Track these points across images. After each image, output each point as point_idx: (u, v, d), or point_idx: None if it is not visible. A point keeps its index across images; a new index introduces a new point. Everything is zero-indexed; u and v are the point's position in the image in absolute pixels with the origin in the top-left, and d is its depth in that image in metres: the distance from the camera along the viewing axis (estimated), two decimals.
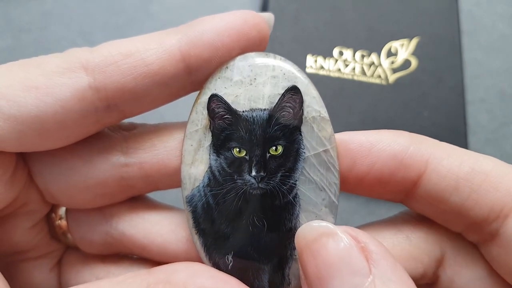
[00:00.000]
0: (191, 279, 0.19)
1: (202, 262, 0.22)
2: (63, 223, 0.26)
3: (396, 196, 0.23)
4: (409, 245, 0.22)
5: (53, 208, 0.26)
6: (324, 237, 0.18)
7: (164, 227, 0.24)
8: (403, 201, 0.23)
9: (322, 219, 0.21)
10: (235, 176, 0.21)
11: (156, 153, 0.23)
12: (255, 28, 0.21)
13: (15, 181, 0.22)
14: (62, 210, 0.26)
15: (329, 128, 0.22)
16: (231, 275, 0.21)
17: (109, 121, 0.22)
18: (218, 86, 0.22)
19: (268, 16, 0.22)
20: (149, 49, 0.21)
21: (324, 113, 0.22)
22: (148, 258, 0.25)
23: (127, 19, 0.51)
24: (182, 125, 0.23)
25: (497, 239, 0.21)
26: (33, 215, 0.25)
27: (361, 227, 0.24)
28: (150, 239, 0.24)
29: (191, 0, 0.52)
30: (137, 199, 0.25)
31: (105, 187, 0.23)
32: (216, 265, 0.22)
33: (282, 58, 0.22)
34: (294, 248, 0.21)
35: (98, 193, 0.23)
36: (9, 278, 0.21)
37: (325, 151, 0.21)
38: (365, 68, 0.48)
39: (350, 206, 0.45)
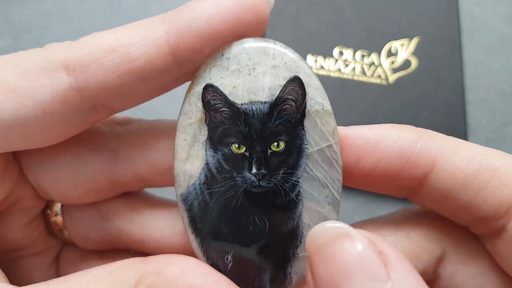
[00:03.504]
0: (182, 275, 0.19)
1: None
2: (59, 219, 0.26)
3: (402, 192, 0.22)
4: (410, 243, 0.22)
5: (49, 204, 0.26)
6: (339, 239, 0.17)
7: (160, 221, 0.24)
8: (409, 197, 0.22)
9: (325, 217, 0.21)
10: (234, 174, 0.20)
11: (147, 152, 0.23)
12: (252, 12, 0.19)
13: (7, 177, 0.22)
14: (57, 207, 0.26)
15: (332, 122, 0.21)
16: (231, 275, 0.21)
17: (98, 119, 0.22)
18: (213, 75, 0.20)
19: None
20: (134, 43, 0.19)
21: (328, 106, 0.20)
22: (146, 253, 0.25)
23: (127, 19, 0.51)
24: (175, 123, 0.23)
25: (504, 234, 0.20)
26: (28, 211, 0.25)
27: (360, 224, 0.23)
28: (147, 233, 0.24)
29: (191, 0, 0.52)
30: (132, 194, 0.25)
31: (96, 183, 0.23)
32: (215, 266, 0.21)
33: (283, 44, 0.20)
34: (297, 247, 0.21)
35: (89, 189, 0.23)
36: (7, 276, 0.21)
37: (329, 146, 0.20)
38: (365, 68, 0.48)
39: (350, 206, 0.44)
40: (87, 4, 0.51)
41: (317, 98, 0.20)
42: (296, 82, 0.20)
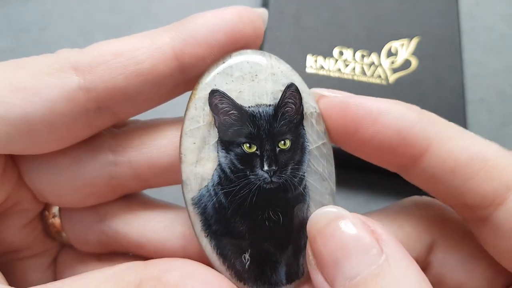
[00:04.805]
0: (182, 281, 0.19)
1: (201, 258, 0.22)
2: (56, 221, 0.26)
3: (395, 167, 0.23)
4: (403, 235, 0.23)
5: (46, 206, 0.26)
6: (335, 221, 0.20)
7: (159, 224, 0.24)
8: (400, 173, 0.23)
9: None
10: (248, 172, 0.21)
11: (145, 151, 0.23)
12: (250, 25, 0.21)
13: (6, 180, 0.22)
14: (55, 208, 0.26)
15: (323, 122, 0.23)
16: (249, 273, 0.22)
17: (101, 124, 0.22)
18: (218, 81, 0.22)
19: (263, 12, 0.22)
20: (141, 48, 0.20)
21: (318, 109, 0.23)
22: (144, 256, 0.25)
23: (127, 19, 0.51)
24: (173, 122, 0.23)
25: (488, 223, 0.21)
26: (25, 213, 0.25)
27: None
28: (145, 236, 0.24)
29: (192, 1, 0.52)
30: (131, 197, 0.25)
31: (94, 186, 0.23)
32: (232, 266, 0.22)
33: (276, 57, 0.22)
34: (308, 237, 0.22)
35: (87, 192, 0.23)
36: (5, 277, 0.21)
37: (323, 144, 0.22)
38: (365, 68, 0.48)
39: (350, 206, 0.44)
40: (87, 4, 0.51)
41: (310, 102, 0.22)
42: (293, 88, 0.22)
